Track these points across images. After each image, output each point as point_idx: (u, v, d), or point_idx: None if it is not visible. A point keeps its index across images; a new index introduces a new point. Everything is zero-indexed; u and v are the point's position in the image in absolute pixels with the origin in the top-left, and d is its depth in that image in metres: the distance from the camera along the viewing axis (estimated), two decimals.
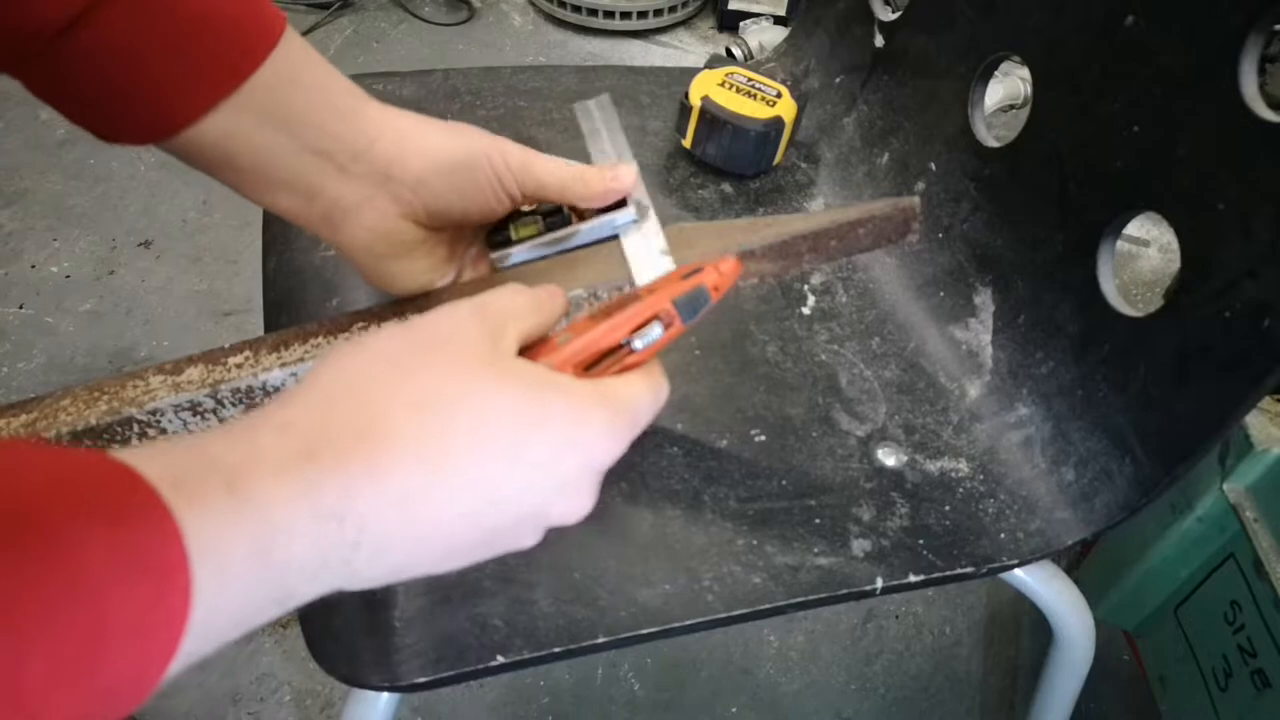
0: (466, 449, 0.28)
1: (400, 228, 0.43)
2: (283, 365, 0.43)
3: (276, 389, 0.42)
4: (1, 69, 0.36)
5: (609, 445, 0.32)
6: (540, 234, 0.45)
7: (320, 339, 0.44)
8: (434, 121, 0.44)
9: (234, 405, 0.41)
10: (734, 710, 0.90)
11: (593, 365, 0.33)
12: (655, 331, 0.33)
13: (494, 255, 0.46)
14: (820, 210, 0.69)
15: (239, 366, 0.42)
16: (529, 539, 0.32)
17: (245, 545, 0.23)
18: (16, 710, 0.17)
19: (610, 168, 0.45)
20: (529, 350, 0.33)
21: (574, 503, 0.32)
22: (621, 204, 0.46)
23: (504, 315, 0.32)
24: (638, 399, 0.33)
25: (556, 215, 0.46)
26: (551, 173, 0.43)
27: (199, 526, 0.21)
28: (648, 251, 0.45)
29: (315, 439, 0.25)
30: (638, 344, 0.33)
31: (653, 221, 0.46)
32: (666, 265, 0.45)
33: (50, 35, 0.35)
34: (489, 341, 0.31)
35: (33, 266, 1.21)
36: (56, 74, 0.36)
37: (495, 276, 0.47)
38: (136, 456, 0.22)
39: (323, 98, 0.41)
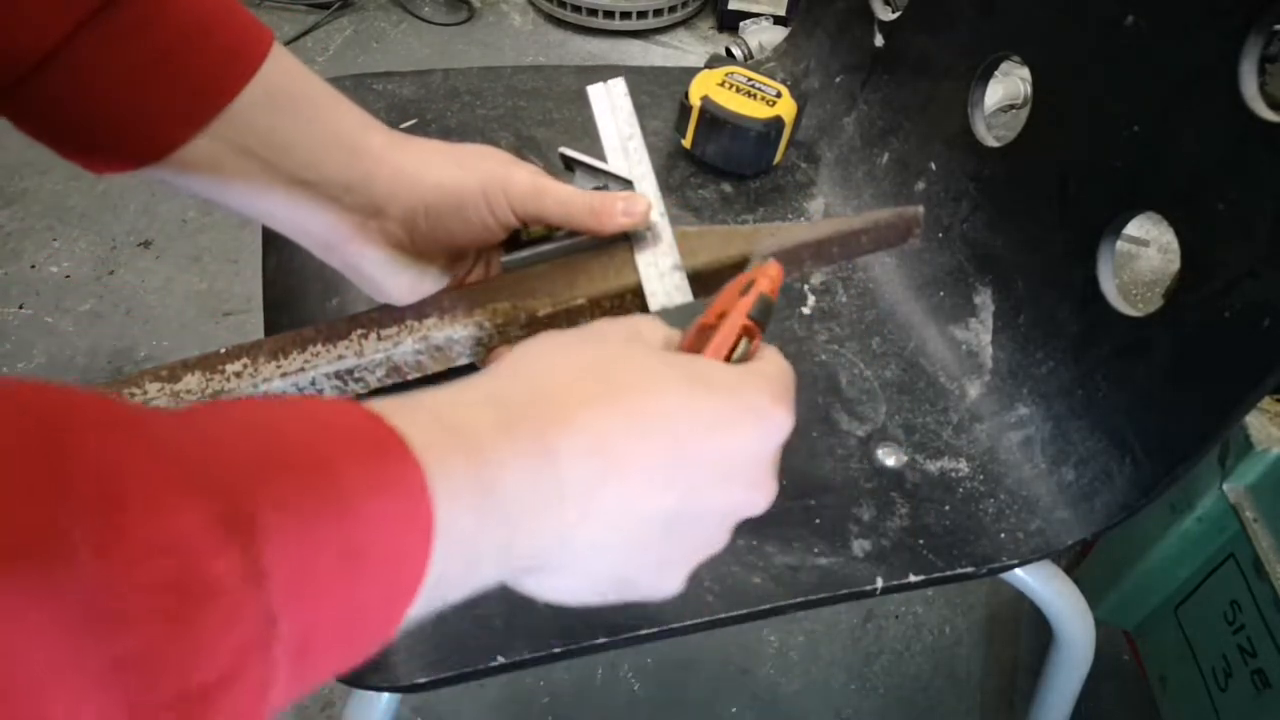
0: (647, 443, 0.28)
1: (389, 255, 0.43)
2: (283, 375, 0.43)
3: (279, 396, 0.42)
4: None
5: (781, 408, 0.31)
6: (554, 237, 0.46)
7: (319, 346, 0.44)
8: (439, 153, 0.43)
9: None
10: (734, 710, 0.90)
11: None
12: (743, 347, 0.35)
13: (506, 259, 0.46)
14: (821, 213, 0.69)
15: (237, 375, 0.42)
16: (719, 536, 0.32)
17: (470, 480, 0.24)
18: (301, 596, 0.19)
19: (624, 198, 0.44)
20: None
21: (762, 484, 0.32)
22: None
23: (638, 330, 0.34)
24: (780, 365, 0.33)
25: None
26: (561, 203, 0.43)
27: (436, 467, 0.23)
28: (659, 268, 0.45)
29: (525, 415, 0.27)
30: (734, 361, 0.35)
31: (667, 238, 0.45)
32: (679, 281, 0.44)
33: (25, 69, 0.35)
34: (636, 336, 0.33)
35: (33, 266, 1.21)
36: (34, 107, 0.36)
37: (498, 278, 0.47)
38: (380, 407, 0.24)
39: (315, 126, 0.40)
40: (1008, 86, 1.51)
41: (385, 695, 0.43)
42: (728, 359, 0.35)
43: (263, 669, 0.18)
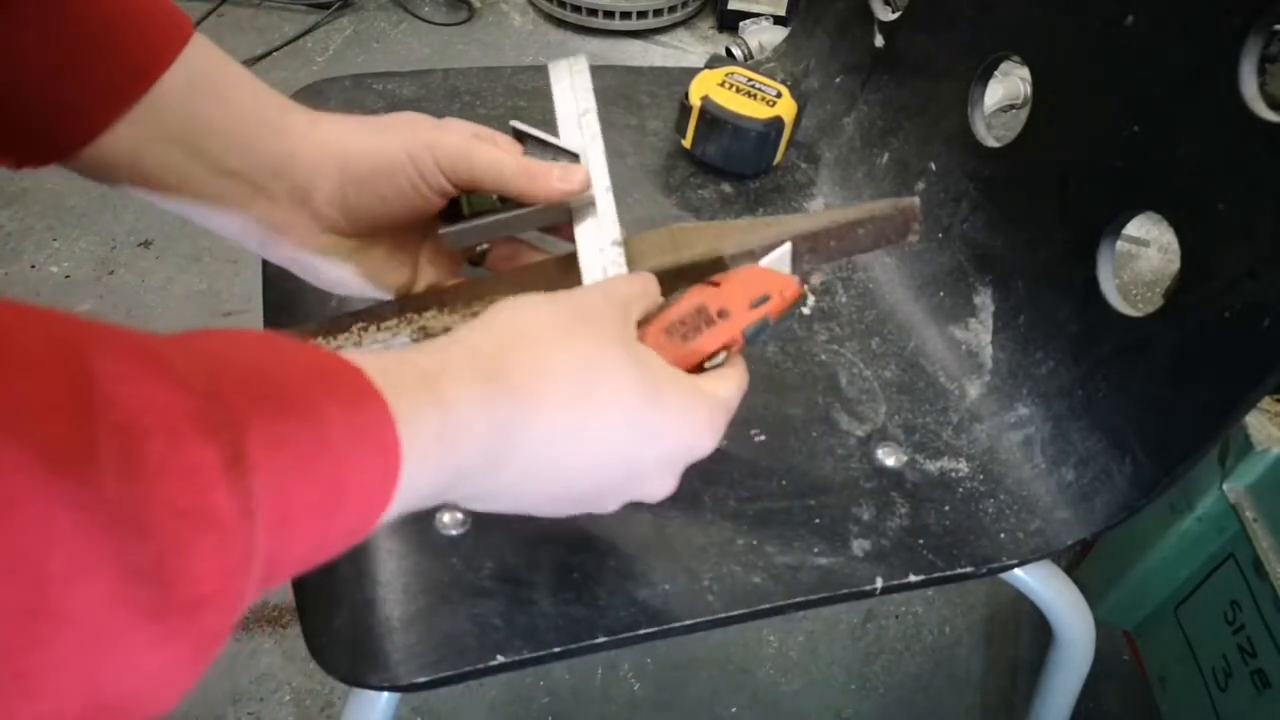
0: (605, 406, 0.33)
1: (328, 242, 0.43)
2: None
3: None
4: None
5: (709, 438, 0.37)
6: (497, 210, 0.43)
7: (320, 339, 0.44)
8: (360, 124, 0.42)
9: None
10: (734, 710, 0.90)
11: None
12: (721, 358, 0.39)
13: (443, 231, 0.44)
14: (820, 209, 0.69)
15: None
16: (613, 504, 0.37)
17: (435, 433, 0.28)
18: (281, 530, 0.22)
19: (560, 166, 0.42)
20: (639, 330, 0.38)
21: (664, 483, 0.37)
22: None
23: (628, 300, 0.38)
24: (728, 397, 0.38)
25: None
26: (491, 164, 0.41)
27: (405, 415, 0.26)
28: (599, 243, 0.44)
29: (495, 366, 0.31)
30: (708, 366, 0.39)
31: (609, 213, 0.44)
32: (615, 257, 0.43)
33: None
34: (621, 323, 0.36)
35: (33, 266, 1.21)
36: None
37: (466, 282, 0.47)
38: (357, 359, 0.27)
39: (238, 110, 0.40)
40: (1008, 86, 1.51)
41: (384, 695, 0.43)
42: (702, 363, 0.39)
43: (241, 590, 0.20)
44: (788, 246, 0.44)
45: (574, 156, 0.44)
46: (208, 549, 0.19)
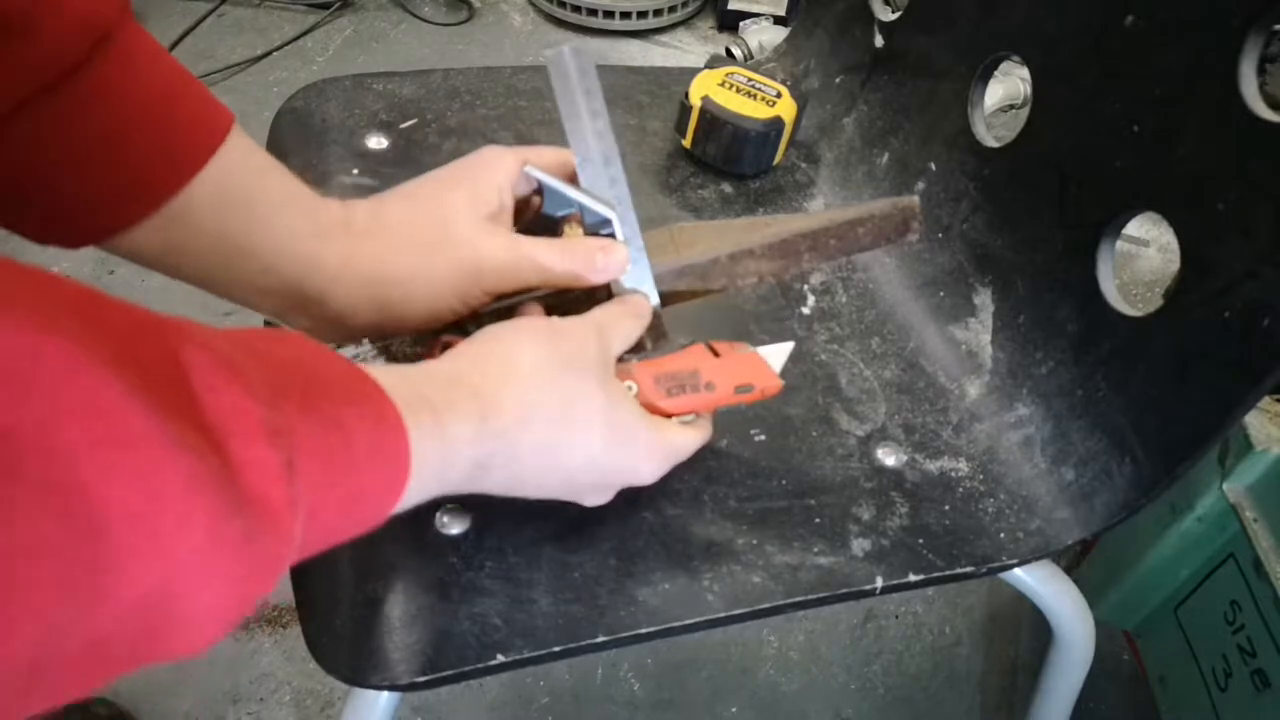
0: (572, 447, 0.38)
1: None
2: None
3: None
4: None
5: (653, 475, 0.42)
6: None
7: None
8: (401, 250, 0.40)
9: None
10: (734, 710, 0.90)
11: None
12: (691, 419, 0.44)
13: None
14: (820, 209, 0.69)
15: None
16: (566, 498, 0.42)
17: (435, 458, 0.32)
18: (308, 522, 0.26)
19: (601, 248, 0.42)
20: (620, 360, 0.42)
21: (602, 497, 0.43)
22: None
23: (614, 336, 0.41)
24: (689, 447, 0.43)
25: None
26: (539, 277, 0.42)
27: (415, 439, 0.31)
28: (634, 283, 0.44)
29: (489, 408, 0.35)
30: (686, 418, 0.44)
31: (646, 274, 0.44)
32: (649, 290, 0.44)
33: None
34: (601, 364, 0.39)
35: None
36: None
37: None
38: (383, 379, 0.31)
39: (269, 237, 0.39)
40: (1008, 86, 1.51)
41: (385, 694, 0.43)
42: (671, 415, 0.43)
43: (283, 565, 0.25)
44: (790, 345, 0.46)
45: (604, 220, 0.43)
46: (269, 529, 0.23)
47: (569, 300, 0.44)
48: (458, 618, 0.41)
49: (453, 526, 0.44)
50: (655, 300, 0.45)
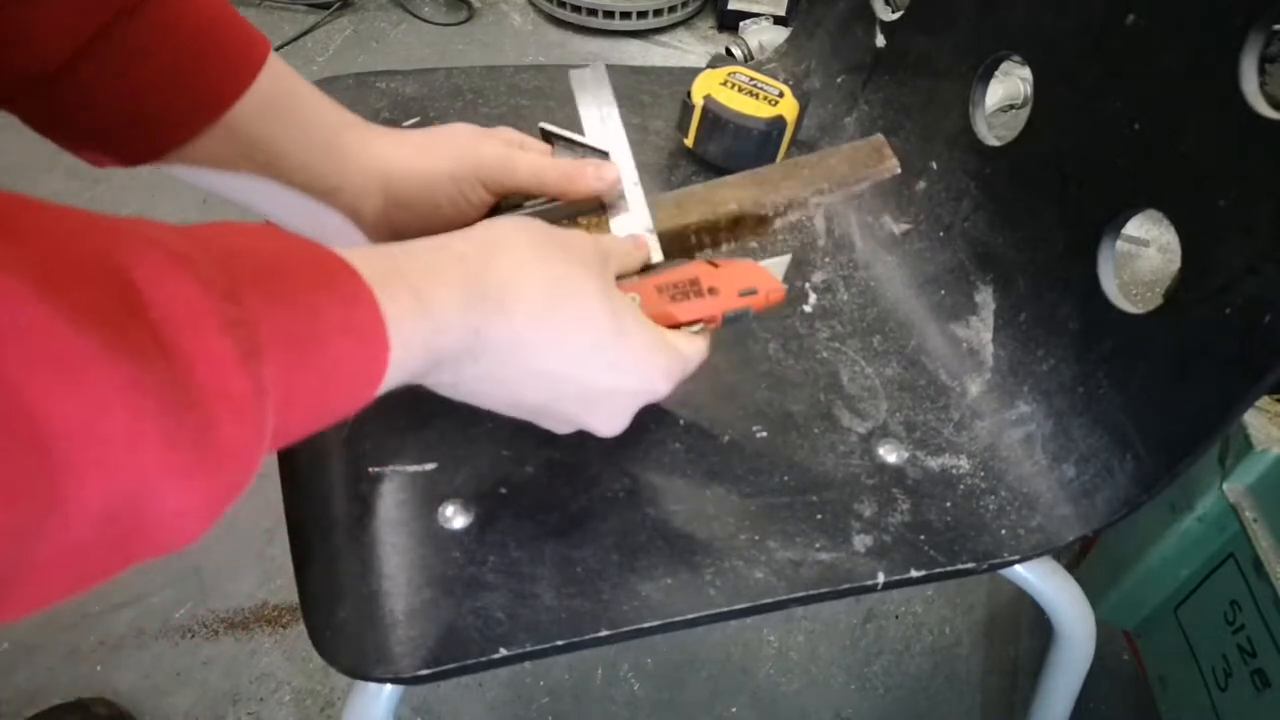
0: (572, 325, 0.37)
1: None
2: None
3: None
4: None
5: (664, 383, 0.40)
6: (534, 202, 0.47)
7: None
8: (405, 144, 0.45)
9: None
10: (734, 710, 0.90)
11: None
12: (699, 329, 0.43)
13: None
14: (822, 212, 0.69)
15: None
16: (563, 426, 0.41)
17: (418, 331, 0.31)
18: (285, 409, 0.26)
19: (595, 164, 0.46)
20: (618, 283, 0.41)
21: (615, 419, 0.41)
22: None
23: (610, 251, 0.41)
24: (692, 356, 0.42)
25: None
26: (534, 172, 0.45)
27: (393, 315, 0.30)
28: (633, 231, 0.46)
29: (476, 272, 0.34)
30: (691, 330, 0.43)
31: (640, 205, 0.47)
32: (652, 244, 0.46)
33: (46, 74, 0.37)
34: (600, 264, 0.39)
35: None
36: (48, 108, 0.39)
37: None
38: (352, 257, 0.30)
39: (298, 131, 0.43)
40: (1008, 86, 1.51)
41: (387, 689, 0.43)
42: (678, 326, 0.42)
43: (254, 455, 0.25)
44: (788, 257, 0.47)
45: (603, 154, 0.47)
46: (231, 424, 0.23)
47: (568, 221, 0.47)
48: (460, 611, 0.41)
49: (455, 521, 0.44)
50: (657, 251, 0.46)
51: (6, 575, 0.20)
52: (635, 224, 0.46)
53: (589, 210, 0.47)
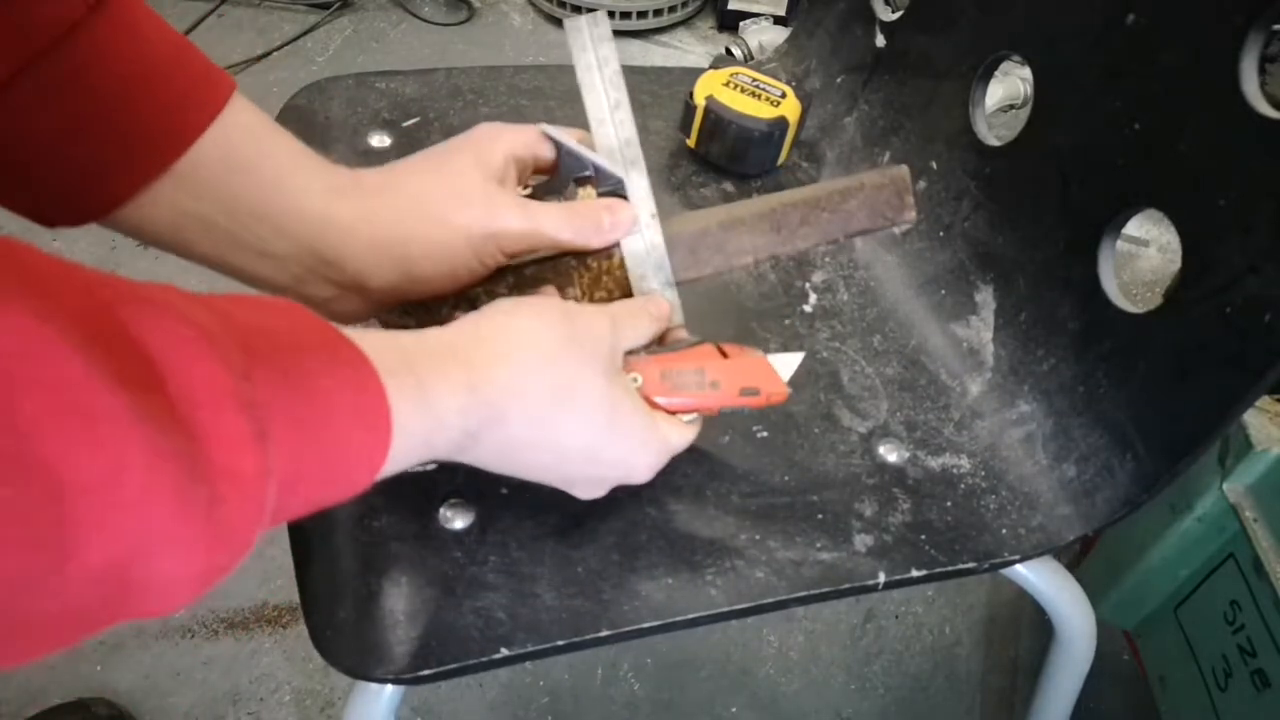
0: (567, 429, 0.37)
1: (371, 312, 0.43)
2: None
3: None
4: None
5: (648, 472, 0.42)
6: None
7: None
8: (414, 209, 0.40)
9: None
10: (734, 710, 0.90)
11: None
12: (692, 418, 0.44)
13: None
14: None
15: None
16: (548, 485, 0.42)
17: (418, 426, 0.32)
18: (288, 490, 0.26)
19: (608, 208, 0.43)
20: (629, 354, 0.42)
21: (596, 491, 0.43)
22: None
23: (626, 328, 0.41)
24: (678, 445, 0.43)
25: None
26: (552, 241, 0.42)
27: (399, 407, 0.30)
28: (647, 254, 0.45)
29: (480, 379, 0.34)
30: (684, 418, 0.44)
31: (657, 242, 0.45)
32: (671, 298, 0.45)
33: None
34: (611, 355, 0.39)
35: None
36: None
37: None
38: (363, 342, 0.30)
39: (278, 195, 0.38)
40: (1008, 86, 1.51)
41: (388, 688, 0.43)
42: (673, 412, 0.43)
43: (252, 533, 0.25)
44: (800, 356, 0.45)
45: (617, 180, 0.44)
46: (236, 499, 0.23)
47: (577, 262, 0.44)
48: (461, 611, 0.41)
49: (456, 521, 0.44)
50: (667, 266, 0.45)
51: (8, 621, 0.20)
52: (652, 276, 0.44)
53: (598, 252, 0.45)
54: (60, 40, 0.33)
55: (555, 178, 0.45)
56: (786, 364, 0.45)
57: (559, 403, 0.37)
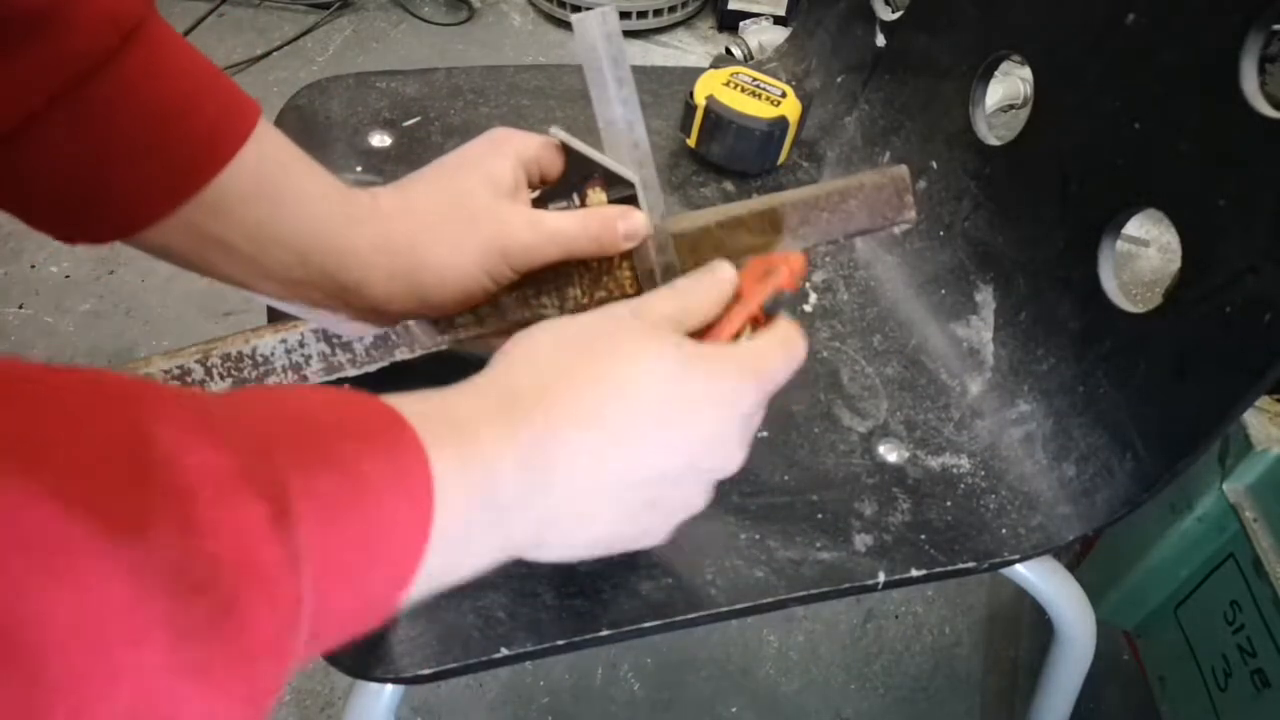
0: (627, 416, 0.33)
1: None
2: (274, 331, 0.43)
3: (266, 357, 0.43)
4: None
5: (745, 399, 0.36)
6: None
7: (285, 335, 0.44)
8: (428, 234, 0.40)
9: (223, 379, 0.42)
10: (734, 710, 0.90)
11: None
12: (747, 335, 0.39)
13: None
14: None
15: (231, 341, 0.43)
16: (697, 498, 0.37)
17: (466, 480, 0.28)
18: (323, 580, 0.22)
19: (622, 216, 0.42)
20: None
21: (726, 456, 0.36)
22: None
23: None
24: (765, 357, 0.37)
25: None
26: (564, 247, 0.42)
27: (440, 467, 0.27)
28: (656, 279, 0.44)
29: (517, 402, 0.31)
30: (743, 338, 0.39)
31: (666, 246, 0.45)
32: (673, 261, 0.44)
33: None
34: (677, 353, 0.34)
35: (32, 267, 1.21)
36: (4, 178, 0.34)
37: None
38: (395, 402, 0.27)
39: (301, 224, 0.38)
40: (1008, 86, 1.51)
41: (388, 688, 0.43)
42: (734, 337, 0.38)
43: (291, 643, 0.21)
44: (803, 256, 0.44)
45: (628, 183, 0.43)
46: (258, 601, 0.19)
47: (578, 263, 0.44)
48: (462, 611, 0.41)
49: None
50: (674, 261, 0.44)
51: None
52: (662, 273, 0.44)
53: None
54: (93, 71, 0.33)
55: (564, 180, 0.45)
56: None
57: (609, 405, 0.33)
